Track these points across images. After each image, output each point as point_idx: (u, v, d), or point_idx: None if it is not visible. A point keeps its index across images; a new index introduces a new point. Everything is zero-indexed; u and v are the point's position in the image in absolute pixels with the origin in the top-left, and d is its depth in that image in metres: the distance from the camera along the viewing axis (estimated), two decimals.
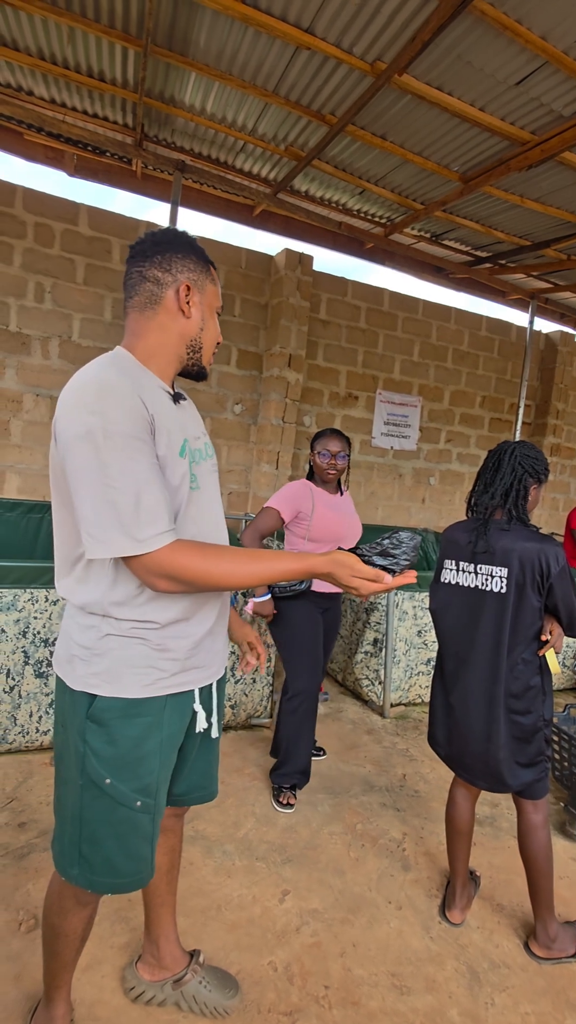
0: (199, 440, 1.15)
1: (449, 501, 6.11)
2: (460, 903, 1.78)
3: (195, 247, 1.11)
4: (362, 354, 5.46)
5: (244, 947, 1.60)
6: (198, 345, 1.12)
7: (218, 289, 1.15)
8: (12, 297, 4.20)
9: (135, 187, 4.20)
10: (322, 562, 1.01)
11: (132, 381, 0.99)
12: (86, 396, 0.94)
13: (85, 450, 0.92)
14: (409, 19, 2.35)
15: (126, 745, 1.05)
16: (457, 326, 5.89)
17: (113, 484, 0.92)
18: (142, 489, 0.93)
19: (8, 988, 1.40)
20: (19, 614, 2.31)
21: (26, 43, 2.91)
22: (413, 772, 2.63)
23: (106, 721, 1.05)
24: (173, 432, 1.03)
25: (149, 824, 1.11)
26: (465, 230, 4.34)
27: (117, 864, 1.10)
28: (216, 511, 1.17)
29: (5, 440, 4.30)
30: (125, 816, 1.08)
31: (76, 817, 1.08)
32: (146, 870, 1.13)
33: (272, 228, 4.63)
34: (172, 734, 1.12)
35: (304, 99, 3.02)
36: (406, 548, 1.04)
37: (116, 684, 1.04)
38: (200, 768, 1.26)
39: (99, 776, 1.05)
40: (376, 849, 2.07)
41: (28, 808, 2.06)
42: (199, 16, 2.54)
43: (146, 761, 1.08)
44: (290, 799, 2.25)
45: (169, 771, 1.15)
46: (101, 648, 1.04)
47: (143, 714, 1.06)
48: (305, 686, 2.25)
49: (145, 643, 1.05)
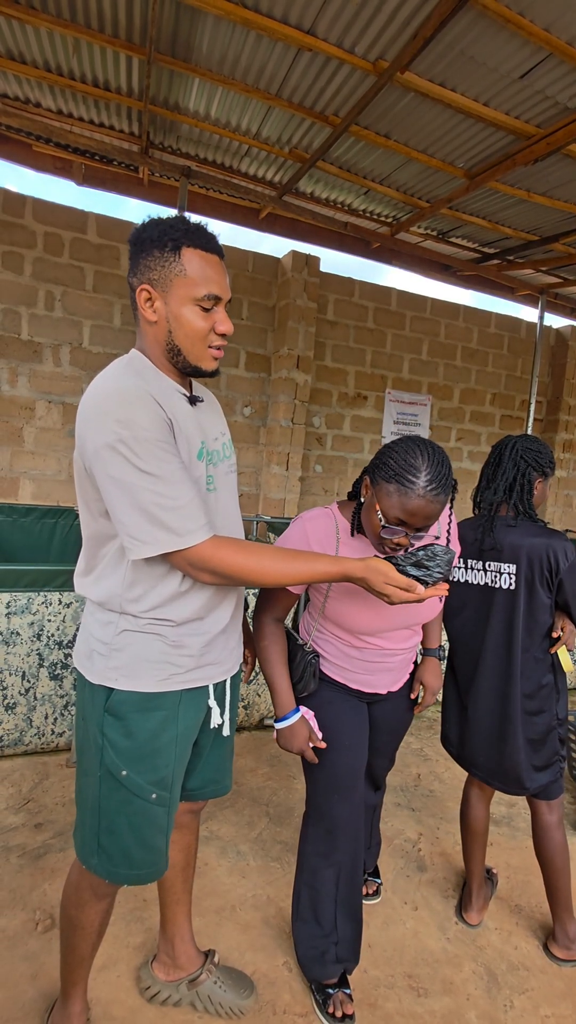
0: (218, 440, 1.15)
1: (461, 500, 6.07)
2: (477, 904, 1.76)
3: (161, 236, 1.00)
4: (370, 354, 5.45)
5: (259, 947, 1.59)
6: (175, 347, 1.04)
7: (201, 275, 1.01)
8: (23, 306, 4.27)
9: (142, 194, 4.25)
10: (358, 567, 1.02)
11: (148, 386, 1.01)
12: (109, 405, 0.95)
13: (116, 459, 0.93)
14: (410, 16, 2.35)
15: (142, 738, 1.08)
16: (466, 324, 5.86)
17: (150, 487, 0.94)
18: (178, 488, 0.96)
19: (25, 987, 1.41)
20: (33, 617, 2.33)
21: (32, 56, 2.96)
22: (427, 771, 2.61)
23: (123, 714, 1.07)
24: (191, 435, 1.05)
25: (164, 817, 1.13)
26: (472, 227, 4.32)
27: (134, 855, 1.12)
28: (232, 512, 1.18)
29: (19, 447, 4.36)
30: (141, 808, 1.10)
31: (95, 808, 1.11)
32: (161, 862, 1.15)
33: (278, 231, 4.65)
34: (187, 728, 1.13)
35: (307, 101, 3.03)
36: (440, 561, 1.04)
37: (133, 678, 1.06)
38: (214, 763, 1.27)
39: (116, 768, 1.08)
40: (391, 849, 2.06)
41: (44, 809, 2.08)
42: (201, 22, 2.57)
43: (162, 754, 1.10)
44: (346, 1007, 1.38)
45: (184, 765, 1.16)
46: (119, 643, 1.07)
47: (159, 708, 1.08)
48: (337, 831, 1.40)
49: (161, 639, 1.07)
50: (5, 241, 4.19)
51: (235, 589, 1.17)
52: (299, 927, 1.47)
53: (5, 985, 1.41)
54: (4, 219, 4.18)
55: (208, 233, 1.05)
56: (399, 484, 1.09)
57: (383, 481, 1.12)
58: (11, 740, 2.36)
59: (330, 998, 1.40)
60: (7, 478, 4.37)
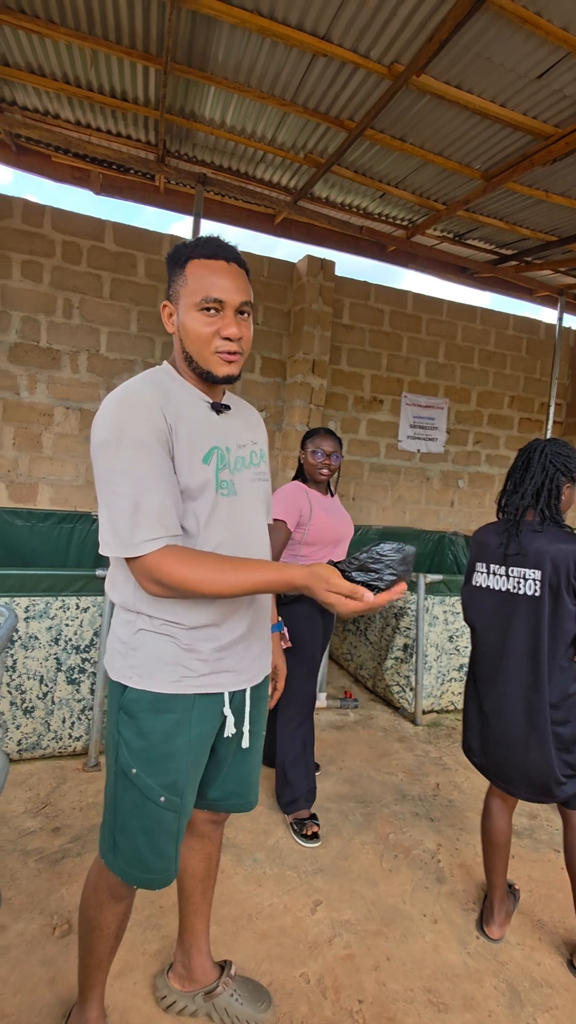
0: (245, 448, 1.17)
1: (479, 504, 5.99)
2: (498, 918, 1.72)
3: (176, 255, 1.08)
4: (386, 357, 5.42)
5: (275, 957, 1.58)
6: (188, 355, 1.09)
7: (201, 282, 1.04)
8: (42, 314, 4.33)
9: (159, 202, 4.28)
10: (302, 575, 0.97)
11: (160, 392, 1.04)
12: (110, 407, 1.02)
13: (102, 457, 1.00)
14: (426, 19, 2.34)
15: (154, 739, 1.08)
16: (483, 326, 5.80)
17: (116, 490, 0.98)
18: (141, 494, 0.97)
19: (43, 992, 1.41)
20: (51, 621, 2.35)
21: (51, 69, 3.01)
22: (447, 781, 2.57)
23: (135, 713, 1.09)
24: (198, 440, 1.06)
25: (175, 823, 1.13)
26: (489, 228, 4.28)
27: (145, 857, 1.12)
28: (254, 518, 1.17)
29: (37, 453, 4.41)
30: (151, 811, 1.10)
31: (112, 805, 1.14)
32: (171, 868, 1.15)
33: (294, 236, 4.65)
34: (201, 735, 1.13)
35: (322, 106, 3.04)
36: (390, 561, 0.93)
37: (146, 678, 1.08)
38: (237, 775, 1.26)
39: (128, 766, 1.10)
40: (409, 860, 2.02)
41: (62, 813, 2.09)
42: (217, 31, 2.58)
43: (173, 758, 1.10)
44: (314, 829, 2.07)
45: (197, 773, 1.16)
46: (135, 643, 1.09)
47: (170, 710, 1.09)
48: (305, 697, 2.18)
49: (174, 641, 1.08)
50: (24, 250, 4.26)
51: (254, 597, 1.16)
52: (293, 772, 2.15)
53: (23, 989, 1.42)
54: (24, 229, 4.25)
55: (217, 242, 1.07)
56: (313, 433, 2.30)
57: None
58: (29, 744, 2.38)
59: (305, 824, 2.09)
60: (26, 483, 4.42)
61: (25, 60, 2.96)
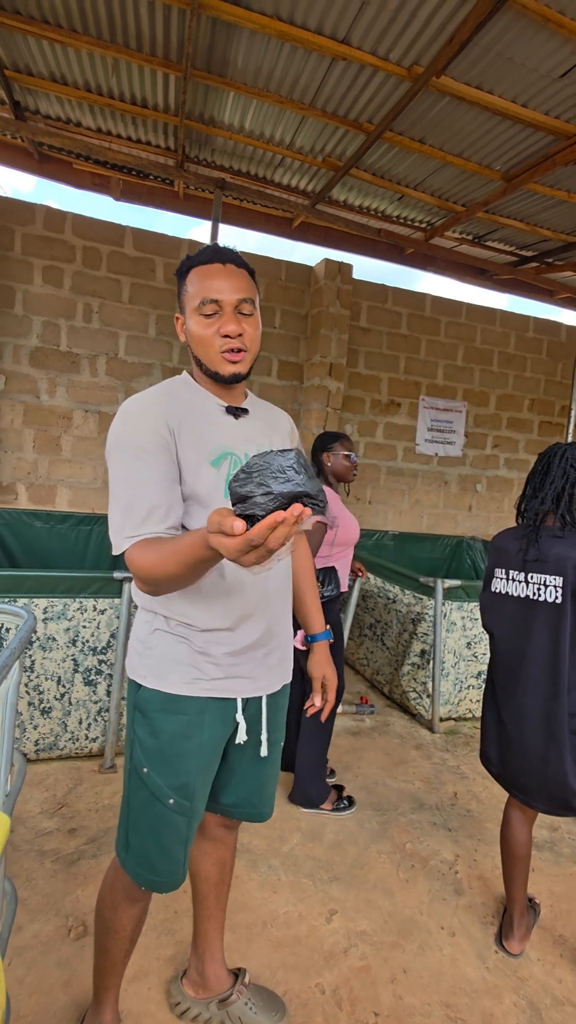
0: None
1: (497, 508, 5.92)
2: (518, 932, 1.68)
3: (180, 268, 1.12)
4: (404, 360, 5.39)
5: (290, 966, 1.56)
6: (197, 360, 1.12)
7: (198, 287, 1.06)
8: (63, 319, 4.39)
9: (177, 207, 4.32)
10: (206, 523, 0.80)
11: (167, 400, 1.08)
12: (117, 417, 1.07)
13: (108, 463, 1.06)
14: (446, 20, 2.32)
15: (165, 739, 1.09)
16: (503, 328, 5.73)
17: (114, 492, 1.02)
18: (134, 496, 1.00)
19: (58, 994, 1.41)
20: (69, 623, 2.37)
21: (74, 77, 3.06)
22: (465, 790, 2.53)
23: (147, 712, 1.10)
24: (208, 444, 1.07)
25: (184, 827, 1.13)
26: (509, 230, 4.23)
27: (153, 859, 1.13)
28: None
29: (56, 455, 4.47)
30: (160, 812, 1.11)
31: (126, 802, 1.15)
32: (179, 873, 1.16)
33: (311, 239, 4.66)
34: (212, 739, 1.12)
35: (341, 109, 3.03)
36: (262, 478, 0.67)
37: (159, 677, 1.09)
38: (251, 784, 1.24)
39: (139, 764, 1.11)
40: (427, 870, 1.99)
41: (78, 815, 2.10)
42: (236, 37, 2.60)
43: (183, 760, 1.10)
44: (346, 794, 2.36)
45: (208, 778, 1.15)
46: (151, 642, 1.11)
47: (181, 711, 1.09)
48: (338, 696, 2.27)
49: (187, 643, 1.09)
50: (46, 256, 4.33)
51: (270, 603, 1.14)
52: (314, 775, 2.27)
53: (39, 991, 1.42)
54: (46, 235, 4.32)
55: (213, 248, 1.10)
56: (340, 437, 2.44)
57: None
58: (46, 744, 2.40)
59: (343, 791, 2.36)
60: (45, 485, 4.48)
61: (48, 69, 3.01)
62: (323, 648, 1.37)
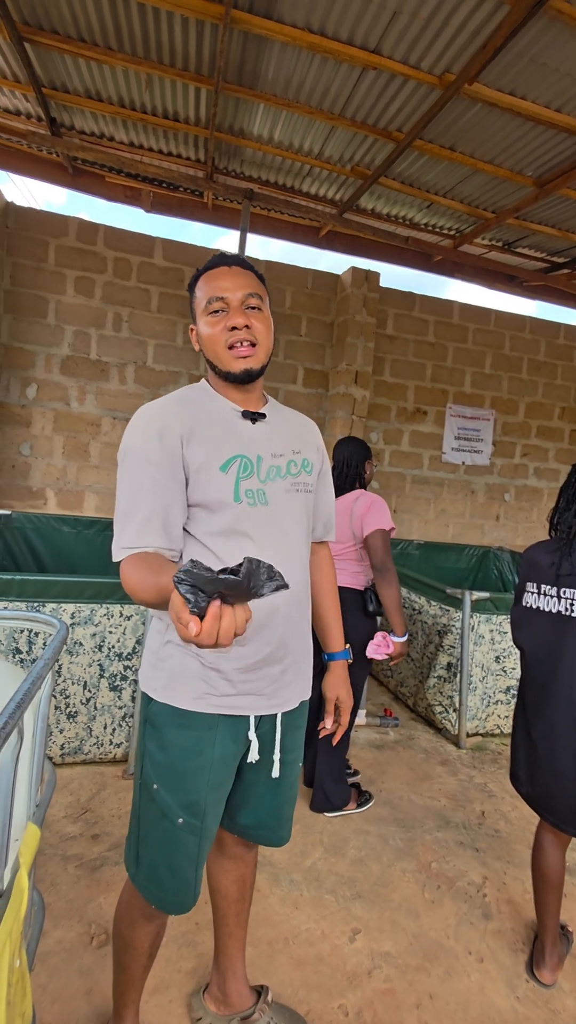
0: (283, 457, 1.13)
1: (526, 519, 5.80)
2: (550, 962, 1.62)
3: (192, 279, 1.14)
4: (430, 368, 5.34)
5: (313, 986, 1.53)
6: (211, 364, 1.12)
7: (204, 292, 1.09)
8: (93, 328, 4.48)
9: (206, 218, 4.38)
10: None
11: (178, 407, 1.07)
12: (128, 425, 1.08)
13: (118, 468, 1.07)
14: (480, 27, 2.30)
15: (175, 755, 1.07)
16: (532, 335, 5.64)
17: (117, 498, 1.04)
18: (132, 506, 1.00)
19: (79, 1003, 1.41)
20: (95, 628, 2.39)
21: (108, 93, 3.13)
22: (492, 809, 2.46)
23: (158, 725, 1.08)
24: (221, 448, 1.05)
25: (195, 847, 1.09)
26: (540, 235, 4.16)
27: (162, 876, 1.10)
28: (287, 529, 1.11)
29: (85, 462, 4.55)
30: (170, 829, 1.08)
31: (136, 815, 1.13)
32: (189, 895, 1.11)
33: (338, 248, 4.66)
34: (223, 756, 1.09)
35: (370, 119, 3.04)
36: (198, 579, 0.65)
37: (169, 691, 1.07)
38: (268, 806, 1.21)
39: (150, 779, 1.09)
40: (453, 892, 1.93)
41: (101, 820, 2.10)
42: (267, 50, 2.62)
43: (193, 778, 1.07)
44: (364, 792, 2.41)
45: (220, 796, 1.12)
46: (163, 654, 1.09)
47: (191, 727, 1.07)
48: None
49: (198, 658, 1.06)
50: (78, 267, 4.43)
51: (280, 616, 1.09)
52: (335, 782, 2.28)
53: (61, 998, 1.42)
54: (78, 246, 4.42)
55: (219, 255, 1.12)
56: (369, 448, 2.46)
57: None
58: (71, 748, 2.42)
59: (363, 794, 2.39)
60: (73, 491, 4.56)
61: (84, 86, 3.09)
62: (340, 667, 1.31)
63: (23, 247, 4.31)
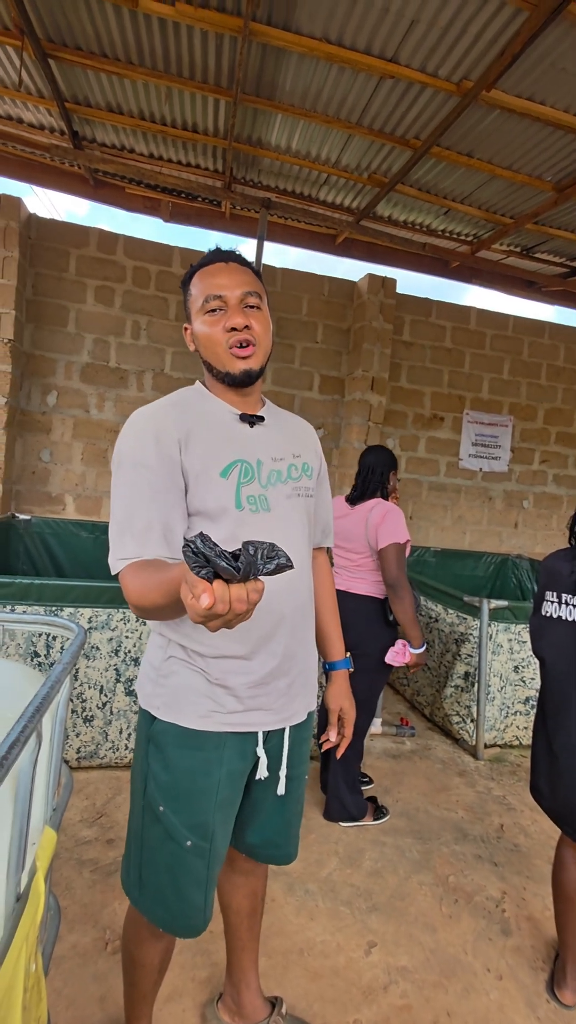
0: (283, 461, 1.09)
1: (545, 526, 5.71)
2: (573, 982, 1.58)
3: (186, 276, 1.09)
4: (448, 374, 5.31)
5: (328, 999, 1.51)
6: (208, 364, 1.07)
7: (200, 289, 1.04)
8: (112, 336, 4.54)
9: (224, 227, 4.42)
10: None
11: (175, 410, 1.03)
12: (123, 429, 1.03)
13: (112, 475, 1.02)
14: (498, 34, 2.30)
15: (181, 776, 1.02)
16: (552, 341, 5.58)
17: (112, 507, 0.98)
18: (130, 513, 0.95)
19: (93, 1010, 1.41)
20: (112, 633, 2.41)
21: (129, 107, 3.19)
22: (511, 823, 2.41)
23: (163, 745, 1.03)
24: (220, 453, 1.01)
25: (203, 869, 1.04)
26: (559, 241, 4.12)
27: (168, 899, 1.05)
28: (290, 535, 1.07)
29: (103, 468, 4.60)
30: (176, 851, 1.03)
31: (138, 836, 1.08)
32: (198, 919, 1.07)
33: (355, 255, 4.67)
34: (231, 774, 1.05)
35: (387, 127, 3.04)
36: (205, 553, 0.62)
37: (174, 709, 1.02)
38: (275, 824, 1.17)
39: (155, 801, 1.04)
40: (471, 907, 1.90)
41: (116, 825, 2.11)
42: (285, 61, 2.65)
43: (200, 798, 1.03)
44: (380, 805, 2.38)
45: (228, 815, 1.08)
46: (165, 670, 1.04)
47: (199, 747, 1.02)
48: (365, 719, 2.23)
49: (204, 674, 1.02)
50: (99, 276, 4.50)
51: (286, 626, 1.06)
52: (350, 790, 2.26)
53: (75, 1004, 1.42)
54: (99, 256, 4.49)
55: (215, 250, 1.08)
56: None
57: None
58: (87, 752, 2.43)
59: (379, 809, 2.36)
60: (92, 497, 4.61)
61: (105, 100, 3.15)
62: (342, 678, 1.27)
63: (45, 257, 4.40)
